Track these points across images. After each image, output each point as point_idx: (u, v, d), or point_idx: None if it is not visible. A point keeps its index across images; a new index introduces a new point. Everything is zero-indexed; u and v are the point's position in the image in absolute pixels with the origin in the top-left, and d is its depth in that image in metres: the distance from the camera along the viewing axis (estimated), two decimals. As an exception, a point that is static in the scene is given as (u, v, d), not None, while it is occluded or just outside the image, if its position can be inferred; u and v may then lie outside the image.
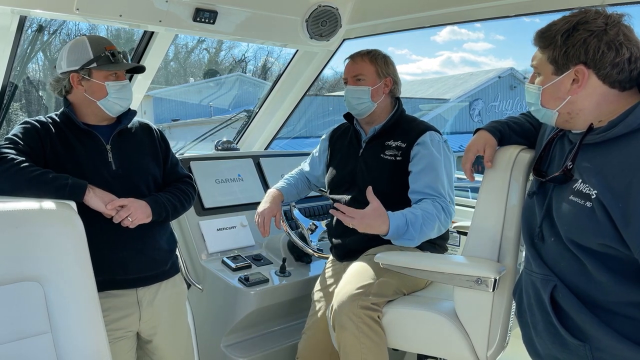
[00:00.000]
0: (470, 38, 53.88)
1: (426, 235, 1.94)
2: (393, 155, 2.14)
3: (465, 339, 1.77)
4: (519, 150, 1.66)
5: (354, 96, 2.19)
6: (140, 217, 1.78)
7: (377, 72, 2.19)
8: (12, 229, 1.36)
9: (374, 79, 2.18)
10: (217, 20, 2.48)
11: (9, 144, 1.73)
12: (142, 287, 1.88)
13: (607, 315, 1.24)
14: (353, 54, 2.26)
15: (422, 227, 1.90)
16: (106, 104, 1.84)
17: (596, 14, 1.27)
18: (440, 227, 1.98)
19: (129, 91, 1.90)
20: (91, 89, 1.83)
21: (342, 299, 1.94)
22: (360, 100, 2.18)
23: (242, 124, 3.62)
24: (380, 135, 2.20)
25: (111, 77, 1.84)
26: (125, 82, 1.89)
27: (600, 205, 1.19)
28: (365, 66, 2.19)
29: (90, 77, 1.82)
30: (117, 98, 1.85)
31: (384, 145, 2.17)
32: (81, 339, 1.42)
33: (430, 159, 2.06)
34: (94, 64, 1.81)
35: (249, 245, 2.66)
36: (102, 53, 1.82)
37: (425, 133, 2.12)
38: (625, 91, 1.28)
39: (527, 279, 1.45)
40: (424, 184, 2.03)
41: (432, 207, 1.96)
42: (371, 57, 2.20)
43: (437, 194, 2.01)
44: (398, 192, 2.09)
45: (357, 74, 2.19)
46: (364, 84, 2.18)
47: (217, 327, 2.40)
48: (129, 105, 1.92)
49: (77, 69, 1.82)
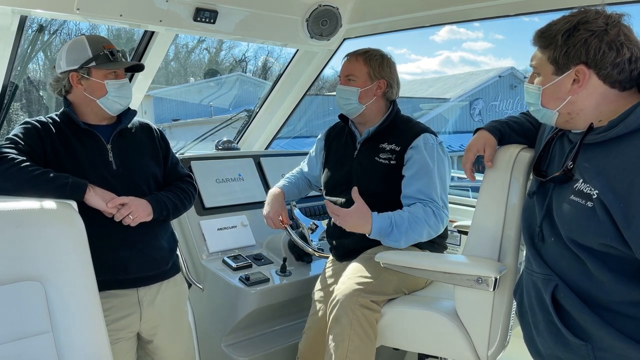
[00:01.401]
0: (469, 37, 53.93)
1: (413, 239, 1.96)
2: (387, 159, 2.13)
3: (465, 338, 1.77)
4: (520, 149, 1.66)
5: (341, 96, 2.19)
6: (142, 215, 1.78)
7: (369, 73, 2.16)
8: (13, 229, 1.36)
9: (365, 81, 2.16)
10: (217, 20, 2.48)
11: (9, 143, 1.73)
12: (142, 287, 1.88)
13: (609, 314, 1.24)
14: (351, 52, 2.24)
15: (408, 231, 1.92)
16: (106, 102, 1.84)
17: (596, 13, 1.27)
18: (430, 231, 1.98)
19: (129, 90, 1.90)
20: (91, 88, 1.83)
21: (342, 293, 1.94)
22: (348, 101, 2.17)
23: (243, 123, 3.62)
24: (374, 137, 2.19)
25: (110, 75, 1.84)
26: (125, 80, 1.89)
27: (602, 205, 1.19)
28: (358, 66, 2.17)
29: (89, 76, 1.82)
30: (117, 96, 1.85)
31: (378, 147, 2.16)
32: (82, 338, 1.42)
33: (422, 163, 2.05)
34: (93, 63, 1.81)
35: (249, 244, 2.66)
36: (101, 52, 1.82)
37: (420, 136, 2.10)
38: (626, 91, 1.28)
39: (528, 279, 1.45)
40: (416, 189, 2.03)
41: (422, 211, 1.97)
42: (366, 58, 2.17)
43: (429, 198, 2.01)
44: (392, 195, 2.09)
45: (348, 74, 2.18)
46: (353, 85, 2.16)
47: (218, 327, 2.40)
48: (128, 104, 1.92)
49: (76, 68, 1.82)
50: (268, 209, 2.36)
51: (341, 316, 1.91)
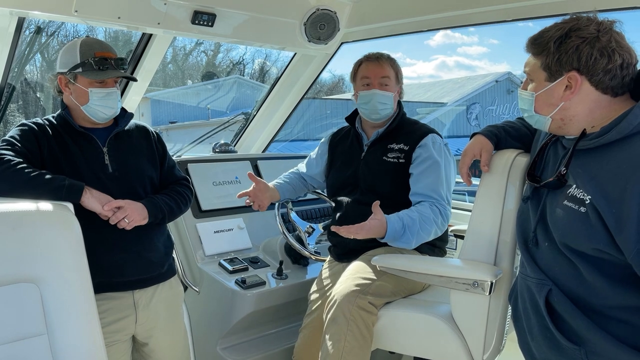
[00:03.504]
0: (464, 42, 53.98)
1: (423, 239, 1.96)
2: (396, 157, 2.15)
3: (461, 342, 1.78)
4: (516, 154, 1.67)
5: (380, 101, 2.17)
6: (137, 219, 1.78)
7: (397, 78, 2.22)
8: (9, 230, 1.36)
9: (394, 85, 2.21)
10: (215, 23, 2.49)
11: (6, 145, 1.73)
12: (138, 290, 1.88)
13: (602, 319, 1.25)
14: (374, 54, 2.23)
15: (419, 231, 1.92)
16: (88, 110, 1.82)
17: (588, 20, 1.28)
18: (437, 230, 2.00)
19: (114, 99, 1.84)
20: (76, 93, 1.82)
21: (340, 293, 1.94)
22: (385, 106, 2.19)
23: (240, 126, 3.62)
24: (382, 138, 2.22)
25: (96, 83, 1.80)
26: (112, 89, 1.83)
27: (594, 210, 1.19)
28: (390, 71, 2.21)
29: (75, 82, 1.81)
30: (100, 105, 1.82)
31: (387, 148, 2.18)
32: (77, 341, 1.41)
33: (431, 161, 2.08)
34: (79, 69, 1.80)
35: (246, 247, 2.66)
36: (89, 59, 1.79)
37: (427, 136, 2.14)
38: (617, 97, 1.29)
39: (522, 283, 1.45)
40: (424, 186, 2.04)
41: (429, 210, 1.97)
42: (393, 62, 2.22)
43: (437, 196, 2.02)
44: (400, 194, 2.11)
45: (384, 76, 2.18)
46: (388, 89, 2.18)
47: (214, 330, 2.40)
48: (114, 113, 1.87)
49: (65, 72, 1.82)
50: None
51: (338, 316, 1.91)
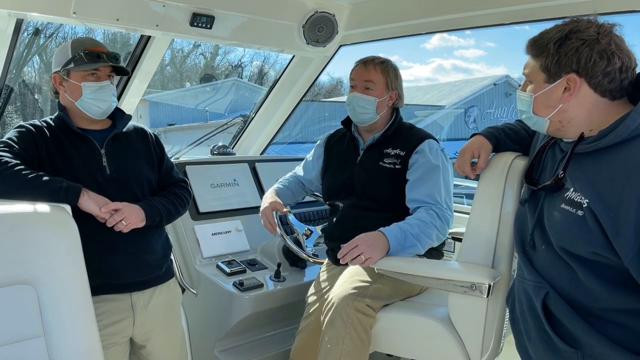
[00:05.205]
0: (460, 45, 54.05)
1: (428, 243, 1.95)
2: (392, 163, 2.14)
3: (459, 345, 1.78)
4: (514, 157, 1.67)
5: (359, 104, 2.16)
6: (134, 222, 1.77)
7: (386, 84, 2.17)
8: (6, 232, 1.36)
9: (382, 91, 2.16)
10: (214, 25, 2.49)
11: (3, 147, 1.72)
12: (136, 292, 1.87)
13: (599, 322, 1.25)
14: (366, 58, 2.22)
15: (420, 234, 1.92)
16: (82, 104, 1.82)
17: (588, 23, 1.28)
18: (439, 234, 1.98)
19: (108, 92, 1.84)
20: (70, 90, 1.83)
21: (338, 297, 1.94)
22: (365, 110, 2.16)
23: (238, 128, 3.62)
24: (378, 143, 2.21)
25: (89, 77, 1.81)
26: (105, 83, 1.83)
27: (592, 214, 1.19)
28: (376, 75, 2.16)
29: (68, 78, 1.82)
30: (94, 99, 1.82)
31: (383, 153, 2.17)
32: (74, 343, 1.41)
33: (427, 167, 2.07)
34: (71, 65, 1.80)
35: (243, 250, 2.66)
36: (79, 53, 1.80)
37: (424, 141, 2.13)
38: (616, 100, 1.30)
39: (520, 286, 1.45)
40: (421, 192, 2.04)
41: (426, 215, 1.97)
42: (384, 68, 2.17)
43: (433, 201, 2.02)
44: (397, 199, 2.10)
45: (368, 80, 2.16)
46: (371, 94, 2.15)
47: (212, 332, 2.40)
48: (109, 107, 1.87)
49: (58, 70, 1.83)
50: (263, 206, 2.34)
51: (336, 319, 1.91)
